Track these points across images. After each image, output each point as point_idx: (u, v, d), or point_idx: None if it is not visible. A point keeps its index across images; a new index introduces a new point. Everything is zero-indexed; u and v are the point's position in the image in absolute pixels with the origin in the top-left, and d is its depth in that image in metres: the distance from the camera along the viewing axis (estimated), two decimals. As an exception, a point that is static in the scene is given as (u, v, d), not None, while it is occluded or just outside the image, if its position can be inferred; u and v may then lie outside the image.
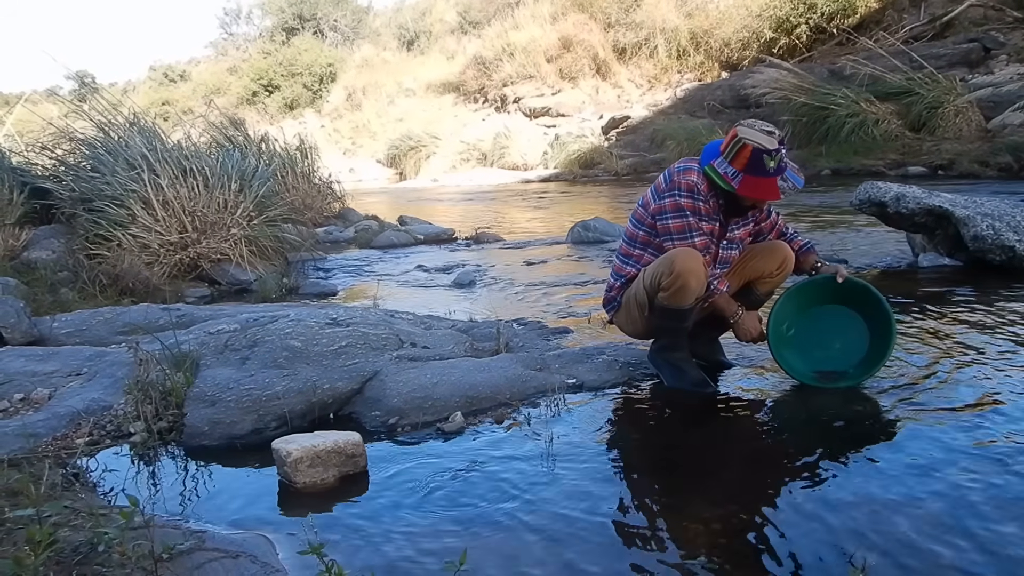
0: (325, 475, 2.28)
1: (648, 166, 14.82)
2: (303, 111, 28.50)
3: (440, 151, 20.18)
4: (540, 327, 4.01)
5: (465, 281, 5.66)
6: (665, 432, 2.65)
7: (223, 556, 1.79)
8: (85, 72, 27.23)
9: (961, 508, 1.94)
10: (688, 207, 2.76)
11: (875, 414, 2.64)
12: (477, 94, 22.75)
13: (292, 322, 3.36)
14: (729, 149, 2.67)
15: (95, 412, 2.77)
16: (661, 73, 19.68)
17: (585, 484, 2.20)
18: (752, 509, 2.03)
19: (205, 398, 2.76)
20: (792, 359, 2.96)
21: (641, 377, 3.12)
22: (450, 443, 2.57)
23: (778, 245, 2.99)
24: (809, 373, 2.94)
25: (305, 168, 9.75)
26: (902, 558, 1.74)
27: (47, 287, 5.16)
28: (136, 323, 4.00)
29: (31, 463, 2.29)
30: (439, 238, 8.49)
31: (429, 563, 1.82)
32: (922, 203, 4.94)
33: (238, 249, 6.05)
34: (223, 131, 9.40)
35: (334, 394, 2.86)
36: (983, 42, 13.89)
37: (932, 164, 11.16)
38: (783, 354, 2.93)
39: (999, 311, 3.85)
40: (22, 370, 3.13)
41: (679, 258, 2.72)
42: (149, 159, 6.03)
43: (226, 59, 36.92)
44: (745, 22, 17.91)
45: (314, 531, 1.89)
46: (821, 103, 12.73)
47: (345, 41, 32.97)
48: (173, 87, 37.02)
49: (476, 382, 2.95)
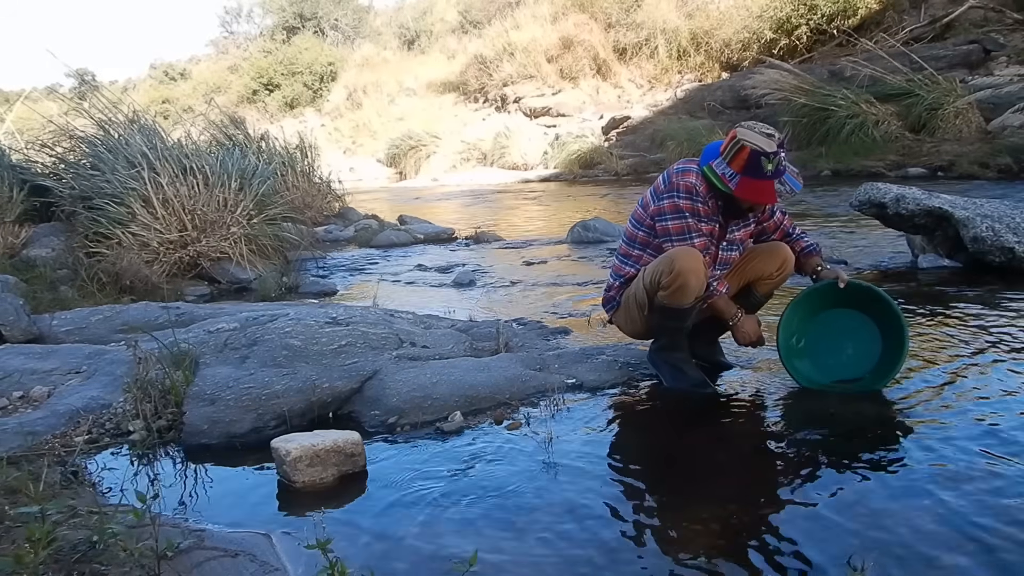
0: (324, 474, 2.28)
1: (648, 166, 14.81)
2: (303, 110, 28.49)
3: (440, 150, 20.15)
4: (540, 327, 4.01)
5: (465, 281, 5.66)
6: (664, 432, 2.65)
7: (222, 555, 1.79)
8: (85, 70, 27.29)
9: (961, 510, 1.94)
10: (687, 208, 2.76)
11: (874, 415, 2.63)
12: (477, 94, 22.73)
13: (292, 321, 3.36)
14: (728, 150, 2.67)
15: (94, 410, 2.77)
16: (661, 73, 19.66)
17: (585, 484, 2.20)
18: (751, 510, 2.03)
19: (204, 397, 2.76)
20: (805, 369, 2.92)
21: (641, 377, 3.12)
22: (449, 442, 2.57)
23: (778, 246, 2.98)
24: (825, 382, 2.90)
25: (305, 167, 9.75)
26: (901, 559, 1.74)
27: (46, 285, 5.16)
28: (135, 321, 4.00)
29: (30, 461, 2.29)
30: (439, 237, 8.49)
31: (429, 562, 1.82)
32: (922, 204, 4.94)
33: (238, 248, 6.05)
34: (223, 130, 9.41)
35: (333, 393, 2.86)
36: (983, 44, 13.88)
37: (932, 165, 11.15)
38: (795, 365, 2.90)
39: (999, 312, 3.85)
40: (21, 368, 3.13)
41: (679, 257, 2.71)
42: (149, 157, 6.03)
43: (227, 58, 36.89)
44: (745, 23, 17.90)
45: (322, 527, 1.89)
46: (821, 104, 12.71)
47: (346, 40, 32.96)
48: (173, 85, 36.99)
49: (476, 382, 2.95)
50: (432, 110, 23.08)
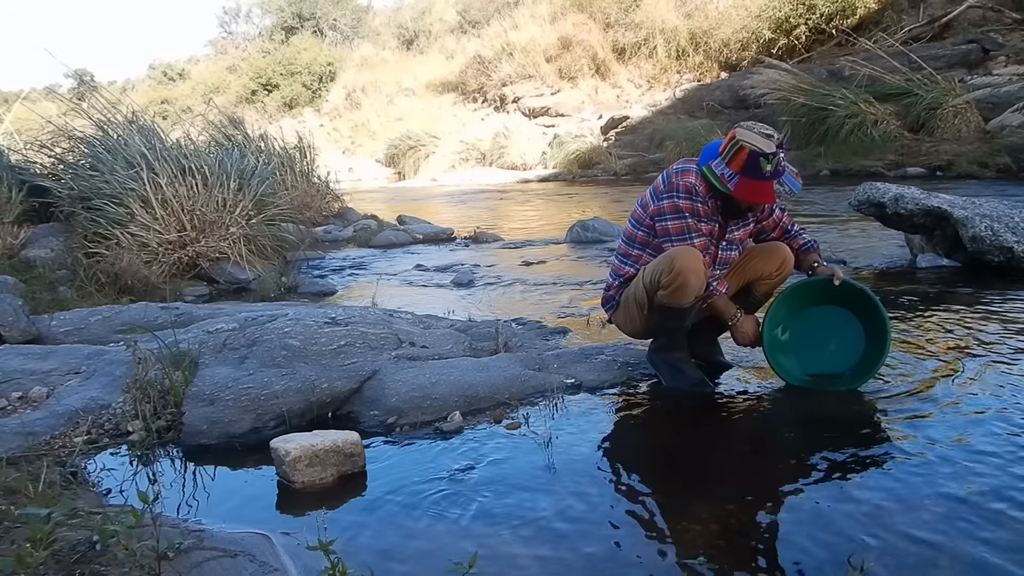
0: (324, 474, 2.28)
1: (647, 166, 14.82)
2: (302, 110, 28.48)
3: (439, 151, 20.15)
4: (539, 327, 4.01)
5: (464, 280, 5.66)
6: (663, 432, 2.65)
7: (222, 555, 1.79)
8: (84, 70, 27.25)
9: (959, 509, 1.94)
10: (687, 208, 2.77)
11: (873, 414, 2.64)
12: (476, 94, 22.74)
13: (291, 321, 3.36)
14: (727, 151, 2.67)
15: (93, 411, 2.77)
16: (660, 73, 19.68)
17: (583, 484, 2.20)
18: (750, 509, 2.03)
19: (203, 397, 2.76)
20: (786, 362, 2.95)
21: (640, 377, 3.12)
22: (449, 442, 2.57)
23: (777, 246, 2.99)
24: (803, 376, 2.93)
25: (304, 167, 9.75)
26: (900, 558, 1.74)
27: (45, 285, 5.16)
28: (134, 322, 4.00)
29: (29, 461, 2.29)
30: (438, 237, 8.48)
31: (428, 563, 1.82)
32: (921, 204, 4.95)
33: (237, 248, 6.05)
34: (222, 130, 9.40)
35: (333, 393, 2.86)
36: (982, 43, 13.90)
37: (931, 165, 11.16)
38: (777, 359, 2.92)
39: (997, 312, 3.85)
40: (20, 368, 3.12)
41: (679, 256, 2.72)
42: (148, 157, 6.03)
43: (225, 58, 36.88)
44: (744, 23, 17.91)
45: (322, 527, 1.89)
46: (820, 104, 12.73)
47: (344, 40, 32.95)
48: (172, 86, 36.98)
49: (475, 382, 2.95)
50: (431, 110, 23.09)
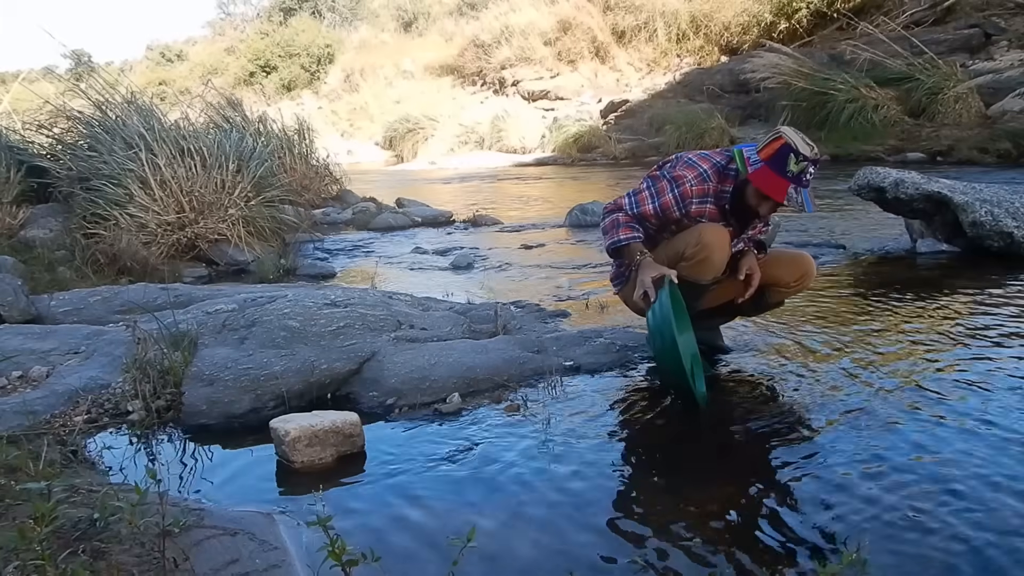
0: (323, 454, 2.29)
1: (646, 150, 14.76)
2: (301, 92, 28.35)
3: (438, 134, 20.07)
4: (538, 310, 4.02)
5: (463, 263, 5.66)
6: (661, 415, 2.66)
7: (221, 533, 1.80)
8: (82, 51, 27.00)
9: (957, 494, 1.95)
10: (688, 180, 2.74)
11: (874, 399, 2.64)
12: (475, 77, 22.64)
13: (290, 302, 3.36)
14: (764, 140, 2.66)
15: (93, 390, 2.78)
16: (660, 57, 19.56)
17: (582, 466, 2.21)
18: (748, 492, 2.05)
19: (203, 377, 2.77)
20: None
21: (638, 360, 3.13)
22: (447, 424, 2.58)
23: (802, 257, 2.99)
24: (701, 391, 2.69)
25: (303, 149, 9.70)
26: (896, 544, 1.75)
27: (44, 266, 5.15)
28: (134, 302, 3.99)
29: (30, 440, 2.30)
30: (437, 220, 8.47)
31: (426, 542, 1.83)
32: (921, 189, 4.94)
33: (236, 230, 6.04)
34: (220, 111, 9.34)
35: (332, 374, 2.86)
36: (984, 28, 13.83)
37: (931, 150, 11.14)
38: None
39: (997, 297, 3.86)
40: (20, 348, 3.13)
41: (707, 231, 2.70)
42: (147, 138, 6.00)
43: (223, 39, 36.65)
44: (745, 6, 17.79)
45: (322, 505, 1.89)
46: (821, 88, 12.66)
47: (343, 22, 32.76)
48: (170, 67, 36.78)
49: (474, 363, 2.96)
50: (430, 93, 22.98)
